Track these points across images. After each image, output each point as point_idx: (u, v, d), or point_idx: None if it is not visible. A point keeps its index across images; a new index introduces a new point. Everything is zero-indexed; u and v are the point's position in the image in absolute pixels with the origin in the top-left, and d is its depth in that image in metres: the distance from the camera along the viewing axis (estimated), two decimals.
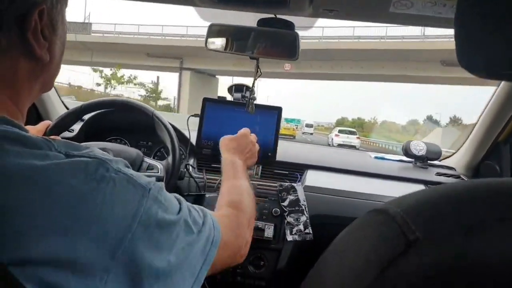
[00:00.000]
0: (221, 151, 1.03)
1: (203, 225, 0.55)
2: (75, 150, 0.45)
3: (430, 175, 1.47)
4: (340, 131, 25.08)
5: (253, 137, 1.11)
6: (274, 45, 1.14)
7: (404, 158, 1.57)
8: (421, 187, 1.40)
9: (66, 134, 1.33)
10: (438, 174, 1.47)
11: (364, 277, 0.27)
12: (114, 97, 1.27)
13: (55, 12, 0.50)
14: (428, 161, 1.54)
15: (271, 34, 1.13)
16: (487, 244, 0.24)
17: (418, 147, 1.52)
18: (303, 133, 41.06)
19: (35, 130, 1.14)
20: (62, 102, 1.58)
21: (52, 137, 1.12)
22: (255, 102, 1.32)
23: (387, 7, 0.88)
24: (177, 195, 0.55)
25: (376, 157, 1.61)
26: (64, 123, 1.24)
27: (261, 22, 1.13)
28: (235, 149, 1.03)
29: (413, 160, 1.55)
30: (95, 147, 0.49)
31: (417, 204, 0.29)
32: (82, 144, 0.50)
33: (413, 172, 1.50)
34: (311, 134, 40.56)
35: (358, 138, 24.41)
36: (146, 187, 0.46)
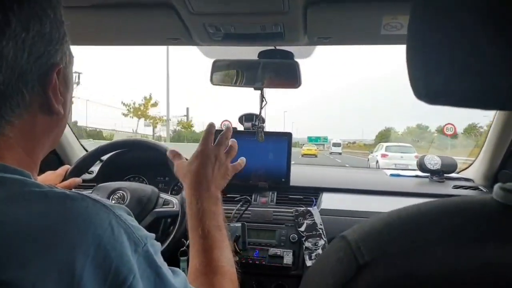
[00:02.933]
0: (180, 178, 0.82)
1: None
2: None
3: (447, 188, 1.44)
4: (388, 149, 17.21)
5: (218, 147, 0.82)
6: (276, 75, 1.18)
7: (420, 173, 1.56)
8: None
9: (86, 176, 1.39)
10: (456, 187, 1.44)
11: None
12: (128, 138, 1.33)
13: (68, 71, 0.55)
14: (445, 174, 1.51)
15: (273, 65, 1.18)
16: (430, 263, 0.26)
17: (433, 161, 1.51)
18: (331, 153, 38.48)
19: (54, 175, 1.20)
20: (81, 145, 1.66)
21: (72, 179, 1.19)
22: (264, 129, 1.35)
23: (378, 30, 0.91)
24: (176, 269, 0.52)
25: (391, 175, 1.60)
26: (82, 166, 1.30)
27: (262, 54, 1.18)
28: (201, 177, 0.77)
29: (428, 174, 1.53)
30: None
31: (371, 230, 0.31)
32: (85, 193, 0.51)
33: (429, 187, 1.48)
34: (340, 154, 37.88)
35: (417, 156, 15.17)
36: (140, 243, 0.45)
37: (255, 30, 0.99)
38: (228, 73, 1.23)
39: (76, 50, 0.60)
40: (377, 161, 16.05)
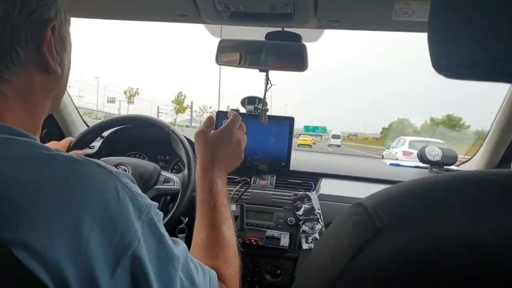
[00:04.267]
0: (196, 148, 0.84)
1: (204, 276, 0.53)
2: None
3: None
4: (412, 145, 12.24)
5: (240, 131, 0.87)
6: (282, 57, 1.17)
7: (420, 164, 1.56)
8: None
9: (87, 151, 1.39)
10: None
11: (339, 261, 0.29)
12: (131, 114, 1.33)
13: (64, 29, 0.54)
14: (444, 166, 1.52)
15: (279, 47, 1.16)
16: (452, 230, 0.26)
17: (433, 152, 1.51)
18: (329, 145, 37.20)
19: (59, 146, 1.20)
20: (83, 120, 1.65)
21: (75, 151, 1.19)
22: (267, 113, 1.35)
23: (389, 16, 0.90)
24: (177, 239, 0.53)
25: (391, 164, 1.61)
26: (85, 140, 1.30)
27: (269, 35, 1.17)
28: (214, 153, 0.80)
29: (428, 166, 1.54)
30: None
31: (389, 195, 0.31)
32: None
33: None
34: (338, 146, 36.85)
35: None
36: (144, 210, 0.45)
37: (265, 10, 0.98)
38: (234, 54, 1.22)
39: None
40: (396, 160, 9.47)
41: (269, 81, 1.22)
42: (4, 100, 0.47)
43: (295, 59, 1.14)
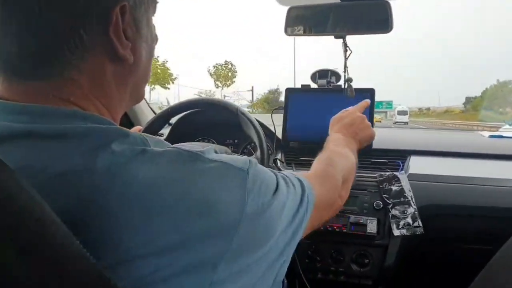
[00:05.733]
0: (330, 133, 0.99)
1: (302, 191, 0.56)
2: (167, 146, 0.45)
3: None
4: None
5: (363, 116, 1.04)
6: (362, 19, 1.03)
7: None
8: None
9: None
10: None
11: None
12: (197, 97, 1.27)
13: (139, 13, 0.48)
14: None
15: (358, 8, 1.02)
16: None
17: None
18: (395, 122, 33.04)
19: None
20: (150, 108, 1.64)
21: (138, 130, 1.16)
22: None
23: None
24: (272, 169, 0.55)
25: (491, 136, 1.38)
26: (154, 127, 1.27)
27: None
28: (344, 125, 0.97)
29: None
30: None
31: None
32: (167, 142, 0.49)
33: None
34: (406, 123, 32.88)
35: None
36: (244, 169, 0.45)
37: None
38: (306, 21, 1.09)
39: None
40: None
41: (347, 48, 1.08)
42: (79, 88, 0.44)
43: (378, 19, 0.99)
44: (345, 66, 1.03)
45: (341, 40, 1.06)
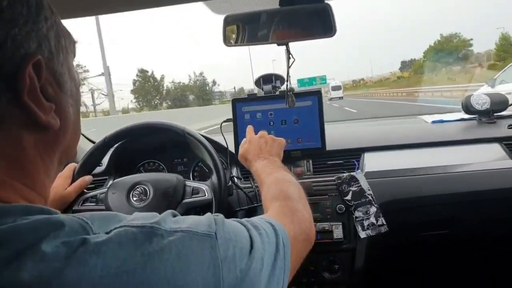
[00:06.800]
0: (246, 166, 1.00)
1: (276, 236, 0.52)
2: (115, 223, 0.36)
3: (501, 129, 1.28)
4: None
5: (261, 132, 1.04)
6: (303, 24, 0.98)
7: (466, 116, 1.39)
8: (495, 146, 1.22)
9: (96, 170, 1.23)
10: (511, 126, 1.28)
11: None
12: (137, 122, 1.15)
13: (57, 63, 0.39)
14: (495, 114, 1.35)
15: (298, 12, 0.97)
16: None
17: (480, 100, 1.33)
18: (330, 99, 32.07)
19: (62, 178, 1.04)
20: (85, 136, 1.48)
21: (82, 179, 1.03)
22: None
23: None
24: (237, 219, 0.50)
25: (433, 122, 1.43)
26: (91, 161, 1.13)
27: (283, 1, 0.97)
28: (254, 154, 0.96)
29: (476, 116, 1.37)
30: (137, 213, 0.40)
31: None
32: (118, 214, 0.40)
33: (479, 130, 1.32)
34: (341, 98, 32.23)
35: None
36: (210, 234, 0.40)
37: None
38: (244, 29, 1.02)
39: None
40: None
41: (290, 55, 1.03)
42: None
43: (320, 23, 0.95)
44: (288, 75, 0.99)
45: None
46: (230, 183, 1.14)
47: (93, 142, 1.45)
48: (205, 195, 1.03)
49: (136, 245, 0.34)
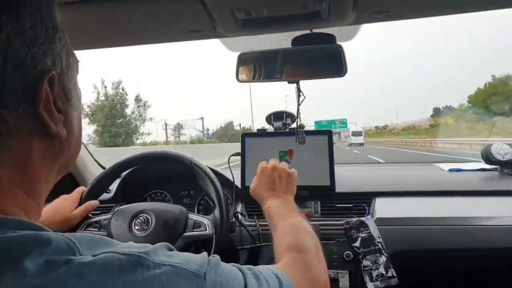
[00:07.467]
0: (258, 201, 0.91)
1: None
2: (104, 248, 0.36)
3: None
4: None
5: (273, 162, 0.95)
6: (315, 64, 0.98)
7: (486, 166, 1.33)
8: None
9: (103, 195, 1.23)
10: None
11: None
12: (148, 151, 1.16)
13: (67, 79, 0.43)
14: None
15: (310, 52, 0.97)
16: None
17: (502, 150, 1.27)
18: (350, 144, 31.97)
19: (70, 200, 1.05)
20: (97, 161, 1.50)
21: (88, 203, 1.03)
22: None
23: None
24: (237, 265, 0.47)
25: (451, 170, 1.37)
26: (99, 186, 1.13)
27: (296, 40, 0.98)
28: (267, 189, 0.89)
29: (497, 167, 1.30)
30: (131, 243, 0.40)
31: None
32: (111, 239, 0.39)
33: (501, 182, 1.25)
34: (361, 144, 31.58)
35: None
36: (199, 274, 0.38)
37: (293, 10, 0.79)
38: (258, 67, 1.03)
39: None
40: None
41: (301, 93, 1.03)
42: None
43: (331, 63, 0.95)
44: (298, 112, 0.98)
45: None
46: (233, 220, 1.11)
47: (104, 168, 1.46)
48: (206, 230, 1.00)
49: (120, 273, 0.34)
